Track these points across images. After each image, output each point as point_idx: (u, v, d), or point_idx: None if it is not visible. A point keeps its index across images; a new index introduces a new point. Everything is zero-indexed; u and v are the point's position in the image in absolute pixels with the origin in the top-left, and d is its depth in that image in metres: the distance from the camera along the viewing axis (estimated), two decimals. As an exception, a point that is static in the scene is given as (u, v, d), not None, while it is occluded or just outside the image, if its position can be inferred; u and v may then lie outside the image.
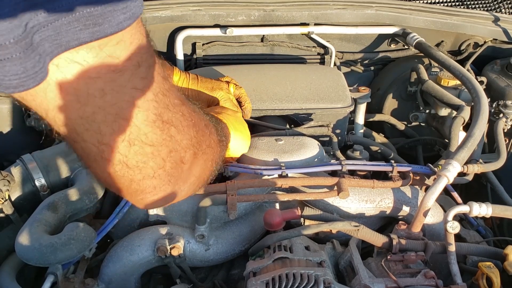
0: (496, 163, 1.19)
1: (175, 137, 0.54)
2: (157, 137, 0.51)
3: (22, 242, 0.90)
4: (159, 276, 1.12)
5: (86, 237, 0.94)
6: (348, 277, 0.95)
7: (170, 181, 0.57)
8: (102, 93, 0.45)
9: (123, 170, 0.52)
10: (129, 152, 0.50)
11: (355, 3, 1.60)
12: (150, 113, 0.49)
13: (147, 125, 0.50)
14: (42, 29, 0.38)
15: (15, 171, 1.08)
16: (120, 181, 0.54)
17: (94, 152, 0.49)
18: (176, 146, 0.55)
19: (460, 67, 1.32)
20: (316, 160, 1.15)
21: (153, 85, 0.49)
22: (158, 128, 0.51)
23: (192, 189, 0.64)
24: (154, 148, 0.52)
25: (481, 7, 1.85)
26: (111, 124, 0.47)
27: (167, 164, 0.55)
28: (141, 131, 0.50)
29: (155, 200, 0.58)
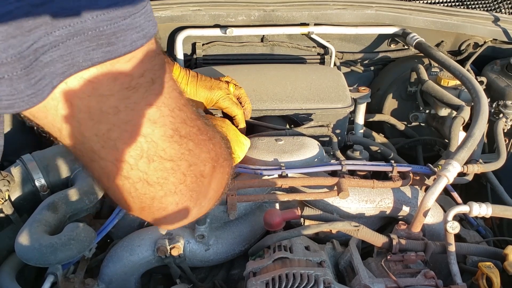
0: (496, 163, 1.19)
1: (193, 151, 0.53)
2: (175, 151, 0.50)
3: (22, 242, 0.90)
4: (159, 276, 1.12)
5: (86, 237, 0.94)
6: (348, 277, 0.95)
7: (192, 196, 0.56)
8: (116, 111, 0.43)
9: (144, 188, 0.51)
10: (149, 168, 0.49)
11: (355, 3, 1.60)
12: (167, 129, 0.48)
13: (165, 140, 0.49)
14: (53, 48, 0.37)
15: (15, 171, 1.08)
16: (142, 200, 0.52)
17: (113, 171, 0.48)
18: (195, 160, 0.54)
19: (460, 67, 1.32)
20: (316, 160, 1.15)
21: (168, 101, 0.48)
22: (176, 142, 0.50)
23: (210, 204, 0.64)
24: (173, 163, 0.51)
25: (481, 7, 1.85)
26: (128, 141, 0.46)
27: (187, 178, 0.53)
28: (159, 146, 0.48)
29: (177, 218, 0.57)
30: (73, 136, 0.44)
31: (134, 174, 0.49)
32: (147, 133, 0.46)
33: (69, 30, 0.37)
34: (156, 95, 0.46)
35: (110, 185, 0.51)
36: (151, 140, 0.47)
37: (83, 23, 0.38)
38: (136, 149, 0.47)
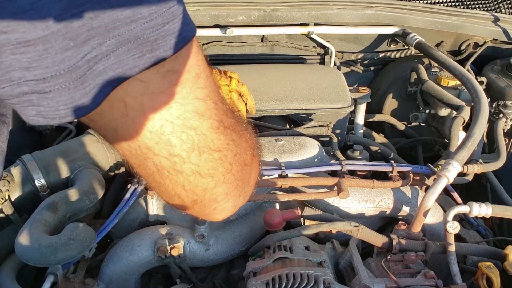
0: (496, 163, 1.19)
1: (236, 141, 0.56)
2: (222, 142, 0.53)
3: (22, 242, 0.90)
4: (159, 276, 1.12)
5: (86, 238, 0.94)
6: (348, 277, 0.95)
7: (238, 184, 0.59)
8: (168, 107, 0.46)
9: (197, 180, 0.53)
10: (200, 160, 0.51)
11: (355, 3, 1.60)
12: (213, 121, 0.51)
13: (213, 132, 0.51)
14: (104, 58, 0.40)
15: (15, 171, 1.08)
16: (195, 192, 0.55)
17: (167, 166, 0.50)
18: (239, 149, 0.56)
19: (460, 67, 1.32)
20: (316, 160, 1.15)
21: (212, 94, 0.51)
22: (222, 133, 0.53)
23: (250, 191, 0.66)
24: (221, 153, 0.53)
25: (481, 7, 1.85)
26: (180, 135, 0.48)
27: (233, 167, 0.56)
28: (208, 138, 0.51)
29: (227, 207, 0.60)
30: (128, 134, 0.47)
31: (187, 168, 0.51)
32: (197, 125, 0.49)
33: (119, 39, 0.40)
34: (202, 88, 0.49)
35: (164, 181, 0.53)
36: (200, 133, 0.50)
37: (130, 32, 0.40)
38: (188, 142, 0.49)
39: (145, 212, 1.09)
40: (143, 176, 0.54)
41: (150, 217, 1.09)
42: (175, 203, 0.59)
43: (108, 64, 0.40)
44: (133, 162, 0.51)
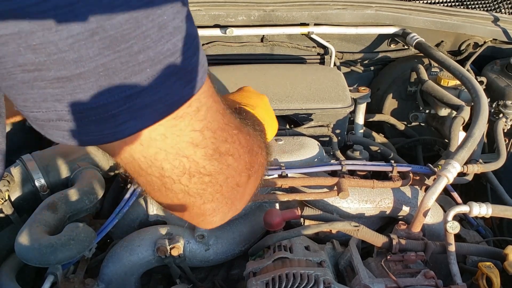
0: (496, 163, 1.19)
1: (231, 165, 0.58)
2: (214, 167, 0.55)
3: (22, 242, 0.90)
4: (159, 276, 1.12)
5: (86, 238, 0.94)
6: (348, 277, 0.95)
7: (227, 203, 0.61)
8: (164, 137, 0.49)
9: (185, 198, 0.56)
10: (190, 182, 0.54)
11: (355, 3, 1.60)
12: (208, 149, 0.53)
13: (205, 159, 0.53)
14: (143, 94, 0.43)
15: (15, 171, 1.08)
16: (182, 207, 0.59)
17: (157, 184, 0.54)
18: (232, 172, 0.58)
19: (460, 67, 1.32)
20: (316, 160, 1.15)
21: (211, 124, 0.53)
22: (216, 160, 0.55)
23: (243, 206, 0.68)
24: (212, 177, 0.55)
25: (481, 7, 1.85)
26: (172, 161, 0.51)
27: (224, 189, 0.58)
28: (200, 164, 0.53)
29: (214, 220, 0.63)
30: (124, 156, 0.51)
31: (176, 187, 0.54)
32: (190, 154, 0.52)
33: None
34: (201, 121, 0.51)
35: (154, 194, 0.57)
36: (192, 160, 0.52)
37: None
38: (179, 168, 0.52)
39: (145, 212, 1.09)
40: (136, 182, 0.57)
41: (150, 217, 1.09)
42: (164, 207, 0.63)
43: (144, 103, 0.43)
44: (128, 171, 0.54)
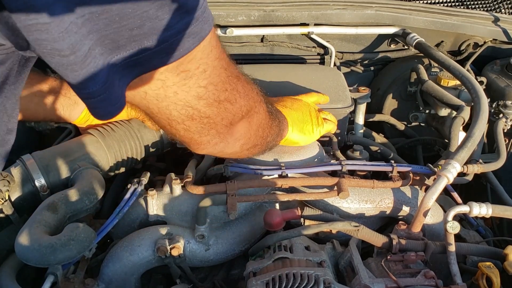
0: (496, 163, 1.19)
1: (228, 108, 0.71)
2: (213, 112, 0.68)
3: (22, 242, 0.90)
4: (159, 276, 1.12)
5: (86, 238, 0.94)
6: (348, 277, 0.95)
7: (220, 137, 0.75)
8: (175, 94, 0.61)
9: (186, 133, 0.71)
10: (191, 124, 0.68)
11: (355, 3, 1.60)
12: (209, 99, 0.65)
13: (207, 107, 0.66)
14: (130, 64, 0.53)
15: (15, 171, 1.07)
16: (184, 139, 0.74)
17: (165, 124, 0.68)
18: (227, 114, 0.72)
19: (460, 67, 1.32)
20: (316, 160, 1.15)
21: (214, 79, 0.64)
22: (215, 106, 0.68)
23: (238, 143, 0.84)
24: (210, 119, 0.69)
25: (481, 7, 1.85)
26: (180, 110, 0.64)
27: (219, 127, 0.72)
28: (201, 111, 0.66)
29: (209, 150, 0.78)
30: (143, 107, 0.65)
31: (180, 127, 0.68)
32: (194, 104, 0.64)
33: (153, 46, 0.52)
34: (206, 78, 0.62)
35: (164, 127, 0.70)
36: (196, 108, 0.65)
37: (161, 39, 0.52)
38: (184, 114, 0.65)
39: (145, 212, 1.09)
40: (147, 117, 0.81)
41: (150, 217, 1.09)
42: (167, 134, 0.77)
43: (135, 63, 0.53)
44: (142, 111, 0.68)
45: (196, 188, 1.05)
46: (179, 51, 0.54)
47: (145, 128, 1.28)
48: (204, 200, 1.03)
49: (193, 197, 1.08)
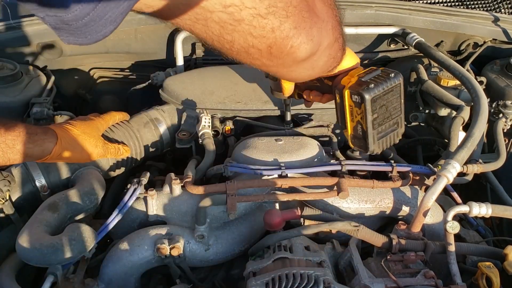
0: (496, 163, 1.19)
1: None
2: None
3: (23, 242, 0.90)
4: (159, 276, 1.12)
5: (87, 238, 0.94)
6: (348, 277, 0.95)
7: (304, 16, 0.61)
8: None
9: (260, 22, 0.56)
10: (255, 2, 0.54)
11: (355, 3, 1.60)
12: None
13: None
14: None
15: (15, 171, 1.08)
16: (265, 37, 0.58)
17: (227, 18, 0.54)
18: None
19: (460, 67, 1.32)
20: (316, 160, 1.15)
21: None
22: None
23: (322, 24, 0.67)
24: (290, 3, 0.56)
25: (481, 7, 1.85)
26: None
27: (293, 1, 0.58)
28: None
29: (302, 41, 0.62)
30: (183, 6, 0.51)
31: (245, 14, 0.54)
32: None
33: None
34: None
35: (233, 36, 0.57)
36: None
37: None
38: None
39: (145, 212, 1.10)
40: (215, 43, 0.59)
41: (150, 217, 1.09)
42: (254, 57, 0.62)
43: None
44: (199, 30, 0.55)
45: (196, 188, 1.05)
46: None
47: (145, 128, 1.28)
48: (204, 200, 1.03)
49: (193, 197, 1.08)
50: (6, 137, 0.90)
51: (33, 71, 1.46)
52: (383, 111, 0.94)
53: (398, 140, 1.01)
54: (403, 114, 0.99)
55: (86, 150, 1.06)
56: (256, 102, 1.34)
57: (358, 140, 0.97)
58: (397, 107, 0.96)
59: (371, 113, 0.91)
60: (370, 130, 0.93)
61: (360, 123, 0.93)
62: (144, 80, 1.56)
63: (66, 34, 0.48)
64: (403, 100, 0.96)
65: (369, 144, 0.95)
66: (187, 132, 1.29)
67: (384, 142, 0.98)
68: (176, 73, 1.52)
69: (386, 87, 0.91)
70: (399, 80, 0.92)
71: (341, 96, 0.95)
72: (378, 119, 0.93)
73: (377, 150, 0.98)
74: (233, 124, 1.31)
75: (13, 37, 1.48)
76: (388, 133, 0.98)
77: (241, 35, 0.57)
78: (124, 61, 1.71)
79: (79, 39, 0.49)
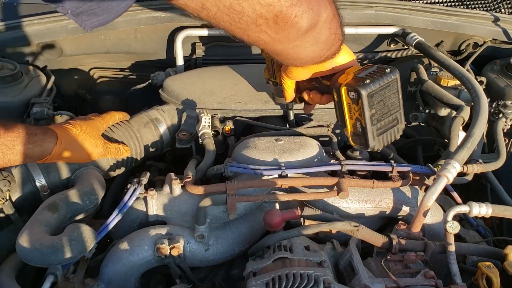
0: (496, 163, 1.19)
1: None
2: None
3: (23, 242, 0.90)
4: (159, 276, 1.12)
5: (87, 238, 0.94)
6: (348, 277, 0.95)
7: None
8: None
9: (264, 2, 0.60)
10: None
11: (355, 3, 1.60)
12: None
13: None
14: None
15: (15, 171, 1.08)
16: (271, 5, 0.62)
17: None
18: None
19: (460, 67, 1.32)
20: (316, 160, 1.15)
21: None
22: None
23: (321, 2, 0.73)
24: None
25: (481, 7, 1.85)
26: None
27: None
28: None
29: (304, 9, 0.67)
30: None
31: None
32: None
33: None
34: None
35: (242, 6, 0.61)
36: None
37: None
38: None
39: (145, 212, 1.10)
40: (224, 17, 0.63)
41: (150, 217, 1.09)
42: (262, 29, 0.66)
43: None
44: (210, 4, 0.59)
45: (196, 188, 1.05)
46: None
47: (145, 128, 1.28)
48: (204, 200, 1.03)
49: (193, 197, 1.08)
50: (6, 138, 0.90)
51: (33, 71, 1.46)
52: (381, 107, 0.94)
53: (399, 136, 1.01)
54: (402, 109, 0.99)
55: (86, 150, 1.06)
56: (256, 102, 1.34)
57: (358, 137, 0.98)
58: (395, 102, 0.96)
59: (369, 109, 0.91)
60: (369, 126, 0.93)
61: (359, 119, 0.94)
62: (144, 80, 1.56)
63: (87, 17, 0.49)
64: (401, 95, 0.97)
65: (369, 140, 0.95)
66: (187, 132, 1.29)
67: (385, 138, 0.99)
68: (176, 73, 1.52)
69: (382, 83, 0.91)
70: (396, 75, 0.93)
71: (338, 94, 0.95)
72: (377, 115, 0.94)
73: (378, 146, 0.98)
74: (233, 124, 1.31)
75: (13, 37, 1.48)
76: (388, 129, 0.98)
77: (250, 5, 0.61)
78: (124, 61, 1.71)
79: (101, 17, 0.51)
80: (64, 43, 1.54)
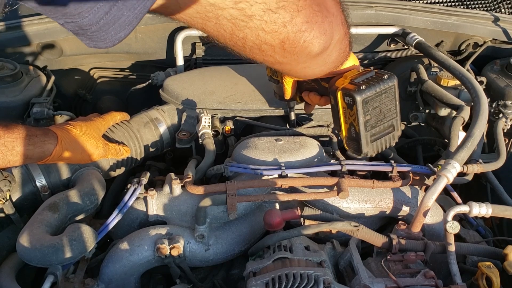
0: (496, 163, 1.19)
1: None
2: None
3: (24, 242, 0.90)
4: (159, 276, 1.12)
5: (87, 238, 0.94)
6: (348, 277, 0.95)
7: (315, 10, 0.61)
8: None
9: (271, 17, 0.56)
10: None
11: (355, 3, 1.60)
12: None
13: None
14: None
15: (16, 171, 1.08)
16: (277, 32, 0.58)
17: (237, 15, 0.54)
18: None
19: (460, 67, 1.32)
20: (316, 160, 1.15)
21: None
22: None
23: (334, 19, 0.67)
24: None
25: (481, 7, 1.85)
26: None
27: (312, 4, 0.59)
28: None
29: (315, 35, 0.62)
30: (190, 2, 0.52)
31: (256, 9, 0.54)
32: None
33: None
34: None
35: (245, 33, 0.57)
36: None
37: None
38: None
39: (145, 212, 1.10)
40: (227, 42, 0.60)
41: (150, 217, 1.09)
42: (267, 54, 0.62)
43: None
44: (210, 29, 0.56)
45: (196, 188, 1.05)
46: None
47: (145, 128, 1.28)
48: (204, 200, 1.03)
49: (193, 197, 1.08)
50: (6, 139, 0.89)
51: (33, 71, 1.46)
52: (376, 113, 0.93)
53: (394, 142, 1.01)
54: (398, 117, 0.98)
55: (87, 151, 1.06)
56: (256, 102, 1.34)
57: (352, 142, 0.97)
58: (391, 109, 0.96)
59: (363, 115, 0.91)
60: (362, 132, 0.93)
61: (353, 125, 0.93)
62: (144, 80, 1.56)
63: (85, 39, 0.50)
64: (398, 102, 0.96)
65: (362, 146, 0.95)
66: (187, 132, 1.29)
67: (379, 144, 0.98)
68: (176, 73, 1.53)
69: (379, 89, 0.91)
70: (393, 82, 0.92)
71: (334, 97, 0.95)
72: (371, 121, 0.93)
73: (371, 152, 0.98)
74: (233, 124, 1.31)
75: (13, 37, 1.48)
76: (383, 135, 0.97)
77: (253, 31, 0.57)
78: (124, 61, 1.71)
79: (97, 43, 0.50)
80: (64, 43, 1.54)
